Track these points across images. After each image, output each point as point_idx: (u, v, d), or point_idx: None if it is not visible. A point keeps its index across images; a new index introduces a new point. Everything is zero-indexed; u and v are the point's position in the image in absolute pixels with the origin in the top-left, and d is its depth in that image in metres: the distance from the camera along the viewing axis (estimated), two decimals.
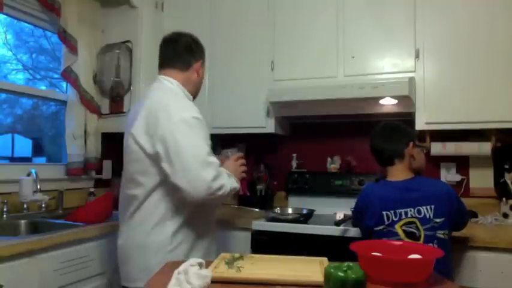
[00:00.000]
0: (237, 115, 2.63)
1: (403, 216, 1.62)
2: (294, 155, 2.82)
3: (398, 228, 1.61)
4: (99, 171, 2.77)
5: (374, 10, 2.36)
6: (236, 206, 2.79)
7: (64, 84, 2.75)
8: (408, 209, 1.62)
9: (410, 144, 1.76)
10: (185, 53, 1.74)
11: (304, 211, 2.35)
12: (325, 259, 1.34)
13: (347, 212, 2.09)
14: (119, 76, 2.64)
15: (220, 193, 1.53)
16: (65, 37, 2.49)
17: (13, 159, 3.34)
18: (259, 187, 2.78)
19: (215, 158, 1.58)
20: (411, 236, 1.60)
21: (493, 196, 2.37)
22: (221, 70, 2.70)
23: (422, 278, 1.13)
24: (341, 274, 0.98)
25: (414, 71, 2.27)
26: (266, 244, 2.17)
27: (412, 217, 1.61)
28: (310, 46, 2.49)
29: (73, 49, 2.52)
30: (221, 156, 1.84)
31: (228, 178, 1.60)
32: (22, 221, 2.12)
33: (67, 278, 1.78)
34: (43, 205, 2.27)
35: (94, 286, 1.93)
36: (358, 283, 0.97)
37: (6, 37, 2.62)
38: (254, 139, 2.87)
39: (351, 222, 1.97)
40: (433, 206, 1.62)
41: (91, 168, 2.66)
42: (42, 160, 3.23)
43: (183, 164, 1.49)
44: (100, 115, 2.72)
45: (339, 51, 2.42)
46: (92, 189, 2.67)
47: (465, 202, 1.76)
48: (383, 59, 2.34)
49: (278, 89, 2.49)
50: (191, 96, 1.77)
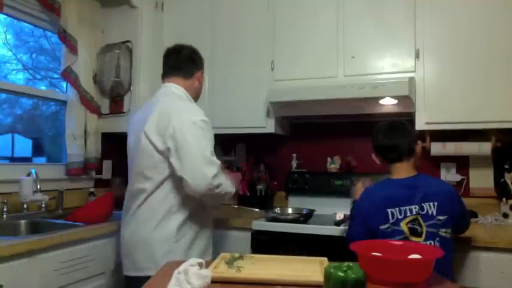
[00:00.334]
0: (237, 115, 2.63)
1: (408, 213, 1.61)
2: (294, 155, 2.82)
3: (404, 225, 1.60)
4: (99, 171, 2.77)
5: (374, 10, 2.36)
6: (236, 206, 2.79)
7: (64, 84, 2.75)
8: (413, 206, 1.61)
9: (419, 142, 1.76)
10: (188, 63, 1.92)
11: (304, 211, 2.35)
12: (325, 259, 1.34)
13: (347, 212, 2.08)
14: (119, 76, 2.64)
15: (217, 190, 1.68)
16: (65, 37, 2.49)
17: (13, 159, 3.34)
18: (259, 187, 2.78)
19: (217, 159, 1.72)
20: (414, 233, 1.59)
21: (493, 196, 2.37)
22: (221, 70, 2.70)
23: (422, 278, 1.13)
24: (341, 274, 0.98)
25: (414, 71, 2.27)
26: (266, 244, 2.17)
27: (416, 214, 1.61)
28: (310, 46, 2.49)
29: (73, 49, 2.52)
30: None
31: (226, 181, 1.76)
32: (22, 221, 2.12)
33: (67, 278, 1.78)
34: (43, 205, 2.27)
35: (94, 286, 1.93)
36: (358, 283, 0.97)
37: (6, 37, 2.62)
38: (254, 139, 2.87)
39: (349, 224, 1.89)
40: (436, 203, 1.61)
41: (91, 168, 2.66)
42: (42, 160, 3.23)
43: (190, 160, 1.64)
44: (100, 115, 2.72)
45: (339, 51, 2.42)
46: (92, 189, 2.67)
47: (465, 202, 1.76)
48: (383, 59, 2.34)
49: (278, 89, 2.49)
50: (193, 100, 1.93)
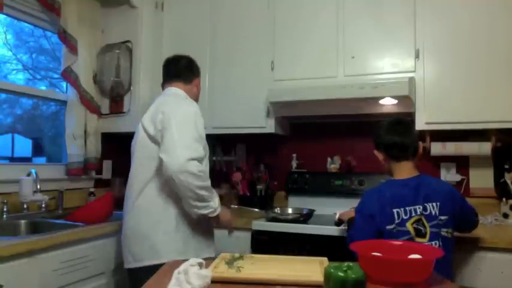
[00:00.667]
0: (237, 115, 2.63)
1: (413, 213, 1.61)
2: (294, 155, 2.82)
3: (409, 226, 1.59)
4: (99, 171, 2.77)
5: (374, 10, 2.36)
6: (236, 206, 2.79)
7: (64, 84, 2.75)
8: (417, 206, 1.61)
9: (419, 141, 1.76)
10: (186, 70, 2.01)
11: (304, 211, 2.36)
12: (325, 259, 1.34)
13: (346, 209, 2.07)
14: (119, 76, 2.64)
15: (190, 179, 1.63)
16: (65, 37, 2.49)
17: (13, 159, 3.34)
18: (259, 187, 2.78)
19: (200, 149, 1.73)
20: (419, 234, 1.59)
21: (493, 196, 2.37)
22: (221, 70, 2.70)
23: (422, 278, 1.13)
24: (341, 274, 0.98)
25: (414, 71, 2.27)
26: (266, 244, 2.17)
27: (420, 214, 1.61)
28: (310, 46, 2.49)
29: (73, 49, 2.52)
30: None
31: (214, 194, 1.77)
32: (22, 221, 2.12)
33: (67, 278, 1.78)
34: (43, 205, 2.27)
35: (94, 286, 1.93)
36: (358, 283, 0.97)
37: (6, 37, 2.62)
38: (254, 139, 2.87)
39: (349, 226, 1.86)
40: (439, 203, 1.62)
41: (91, 168, 2.66)
42: (42, 160, 3.23)
43: (168, 141, 1.69)
44: (100, 115, 2.72)
45: (339, 51, 2.42)
46: (92, 189, 2.67)
47: None
48: (383, 59, 2.34)
49: (278, 89, 2.49)
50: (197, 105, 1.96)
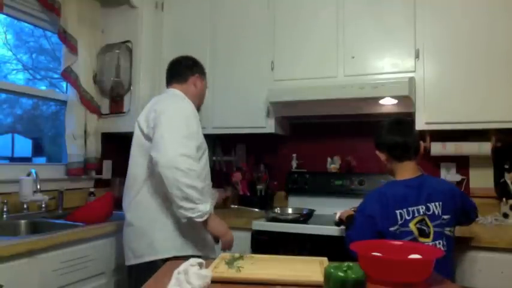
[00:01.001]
0: (237, 115, 2.63)
1: (416, 214, 1.61)
2: (294, 155, 2.82)
3: (412, 226, 1.59)
4: (99, 171, 2.77)
5: (374, 10, 2.36)
6: (236, 206, 2.79)
7: (64, 84, 2.75)
8: (420, 206, 1.61)
9: (420, 141, 1.77)
10: (184, 70, 2.01)
11: (304, 211, 2.35)
12: (325, 259, 1.34)
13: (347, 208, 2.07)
14: (119, 76, 2.63)
15: (178, 175, 1.59)
16: (65, 37, 2.49)
17: (13, 159, 3.34)
18: (259, 187, 2.78)
19: (192, 146, 1.70)
20: (422, 234, 1.60)
21: (493, 196, 2.37)
22: (221, 70, 2.70)
23: (422, 278, 1.13)
24: (341, 274, 0.98)
25: (414, 71, 2.27)
26: (266, 244, 2.17)
27: (423, 214, 1.61)
28: (310, 46, 2.49)
29: (73, 49, 2.52)
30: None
31: (206, 197, 1.70)
32: (22, 221, 2.12)
33: (67, 278, 1.78)
34: (43, 205, 2.27)
35: (94, 286, 1.93)
36: (358, 283, 0.97)
37: (6, 37, 2.62)
38: (254, 139, 2.87)
39: (347, 224, 1.87)
40: (441, 203, 1.62)
41: (91, 168, 2.66)
42: (42, 160, 3.23)
43: (157, 136, 1.69)
44: (100, 115, 2.72)
45: (339, 51, 2.42)
46: (92, 189, 2.67)
47: None
48: (383, 59, 2.34)
49: (278, 89, 2.49)
50: (190, 101, 1.94)
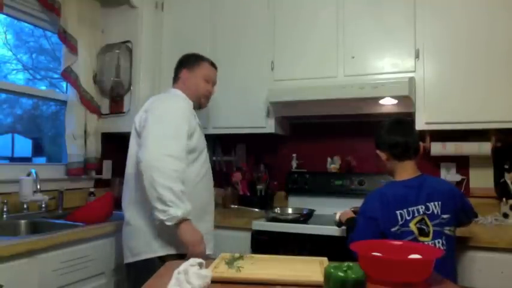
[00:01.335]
0: (237, 115, 2.63)
1: (416, 213, 1.61)
2: (294, 155, 2.82)
3: (413, 226, 1.60)
4: (99, 171, 2.77)
5: (374, 10, 2.36)
6: (236, 206, 2.79)
7: (64, 84, 2.75)
8: (419, 206, 1.62)
9: (420, 141, 1.77)
10: (175, 69, 2.05)
11: (304, 211, 2.35)
12: (325, 259, 1.34)
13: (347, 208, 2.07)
14: (119, 76, 2.63)
15: (156, 175, 1.61)
16: (65, 37, 2.49)
17: (13, 159, 3.34)
18: (259, 187, 2.78)
19: (176, 146, 1.69)
20: (422, 233, 1.60)
21: (493, 196, 2.37)
22: (221, 70, 2.66)
23: (422, 278, 1.13)
24: (341, 274, 0.98)
25: (414, 71, 2.27)
26: (266, 244, 2.17)
27: (422, 214, 1.61)
28: (310, 46, 2.49)
29: (73, 49, 2.52)
30: None
31: (182, 201, 1.63)
32: (22, 221, 2.12)
33: (67, 278, 1.78)
34: (43, 205, 2.27)
35: (94, 286, 1.93)
36: (358, 283, 0.97)
37: (6, 37, 2.62)
38: (254, 139, 2.87)
39: (348, 226, 1.87)
40: (440, 202, 1.63)
41: (91, 168, 2.66)
42: (42, 160, 3.23)
43: (143, 137, 1.72)
44: (100, 115, 2.72)
45: (339, 51, 2.42)
46: (92, 189, 2.67)
47: None
48: (383, 59, 2.34)
49: (278, 89, 2.49)
50: (191, 102, 1.97)
